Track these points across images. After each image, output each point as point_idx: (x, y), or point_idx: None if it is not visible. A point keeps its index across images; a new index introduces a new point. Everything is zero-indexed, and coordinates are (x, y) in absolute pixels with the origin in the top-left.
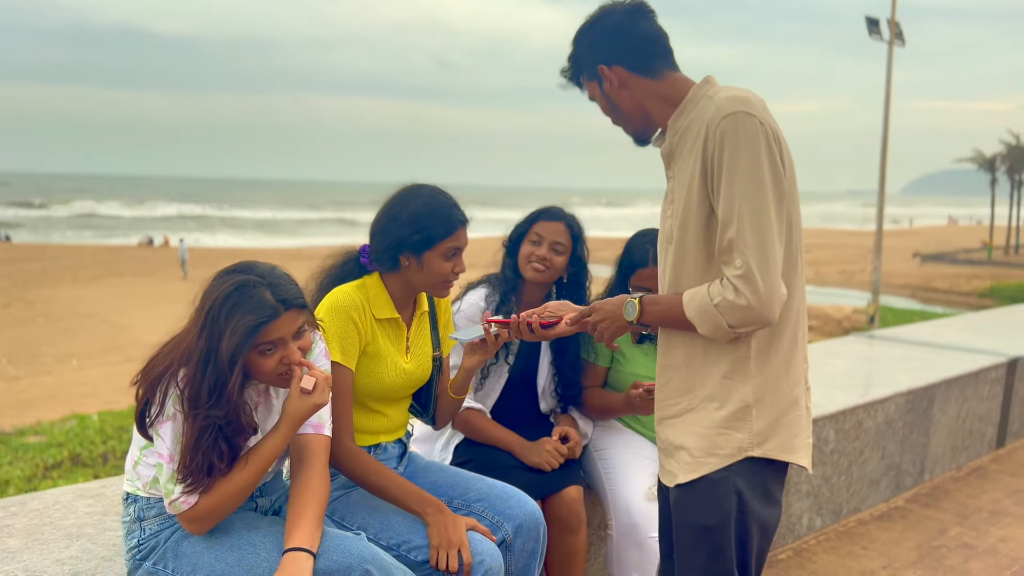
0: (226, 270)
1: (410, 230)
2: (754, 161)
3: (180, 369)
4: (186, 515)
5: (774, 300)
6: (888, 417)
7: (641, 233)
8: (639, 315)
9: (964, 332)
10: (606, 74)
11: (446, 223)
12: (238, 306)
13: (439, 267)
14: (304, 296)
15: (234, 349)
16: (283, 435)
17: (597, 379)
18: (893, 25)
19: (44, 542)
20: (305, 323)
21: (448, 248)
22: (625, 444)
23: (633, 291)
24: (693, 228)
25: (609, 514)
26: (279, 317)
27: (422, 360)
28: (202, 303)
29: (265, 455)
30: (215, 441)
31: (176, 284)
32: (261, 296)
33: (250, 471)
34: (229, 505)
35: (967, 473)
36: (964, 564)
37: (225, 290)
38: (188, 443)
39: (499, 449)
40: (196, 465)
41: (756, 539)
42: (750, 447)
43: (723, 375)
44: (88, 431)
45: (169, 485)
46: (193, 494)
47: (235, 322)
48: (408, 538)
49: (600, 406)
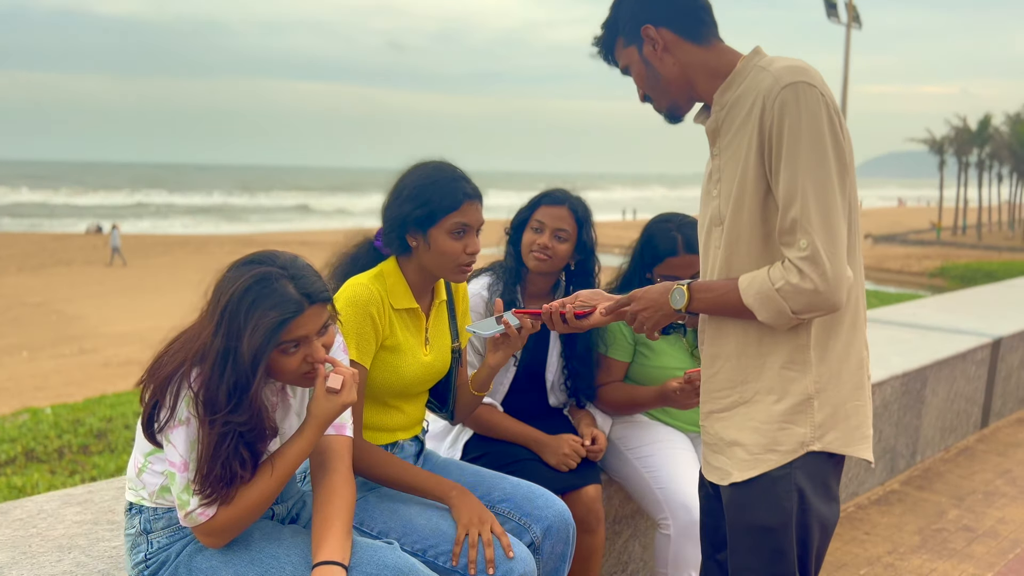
0: (243, 260)
1: (412, 205)
2: (817, 134)
3: (193, 369)
4: (203, 528)
5: (841, 283)
6: (884, 400)
7: (663, 218)
8: (688, 303)
9: (943, 313)
10: (651, 35)
11: (449, 196)
12: (259, 301)
13: (447, 246)
14: (328, 289)
15: (257, 348)
16: (309, 439)
17: (616, 374)
18: (850, 8)
19: (33, 556)
20: (329, 318)
21: (454, 224)
22: (661, 440)
23: (661, 281)
24: (749, 208)
25: (663, 513)
26: (303, 313)
27: (442, 352)
28: (216, 296)
29: (290, 460)
30: (236, 448)
31: (126, 271)
32: (284, 289)
33: (275, 479)
34: (251, 516)
35: (956, 454)
36: (968, 547)
37: (244, 283)
38: (206, 451)
39: (510, 443)
40: (216, 475)
41: (817, 538)
42: (812, 441)
43: (782, 365)
44: (42, 425)
45: (184, 496)
46: (211, 505)
47: (256, 319)
48: (434, 542)
49: (626, 401)
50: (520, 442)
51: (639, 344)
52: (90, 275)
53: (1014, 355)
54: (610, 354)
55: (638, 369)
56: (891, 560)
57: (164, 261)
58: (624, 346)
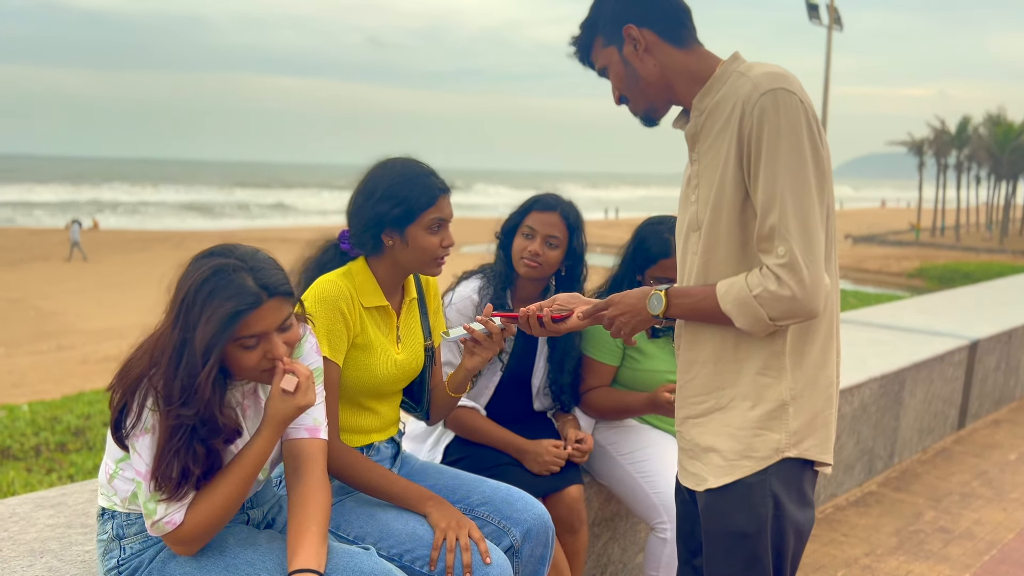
0: (203, 253)
1: (388, 205)
2: (796, 141)
3: (153, 368)
4: (172, 536)
5: (819, 290)
6: (863, 402)
7: (656, 221)
8: (665, 308)
9: (921, 315)
10: (633, 35)
11: (425, 192)
12: (215, 292)
13: (425, 242)
14: (290, 283)
15: (209, 339)
16: (266, 438)
17: (604, 379)
18: (832, 10)
19: (4, 560)
20: (291, 314)
21: (431, 220)
22: (653, 443)
23: (655, 283)
24: (727, 214)
25: (660, 518)
26: (261, 305)
27: (414, 350)
28: (177, 290)
29: (250, 461)
30: (189, 443)
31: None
32: (241, 281)
33: (235, 480)
34: (218, 521)
35: (933, 455)
36: (944, 549)
37: (202, 275)
38: (159, 445)
39: (492, 447)
40: (167, 469)
41: (792, 544)
42: (787, 447)
43: (757, 371)
44: (18, 423)
45: (150, 505)
46: (178, 511)
47: (211, 310)
48: (411, 547)
49: (615, 407)
50: (500, 448)
51: (628, 347)
52: (68, 271)
53: (991, 357)
54: (598, 357)
55: (627, 373)
56: (868, 562)
57: (143, 257)
58: (612, 350)
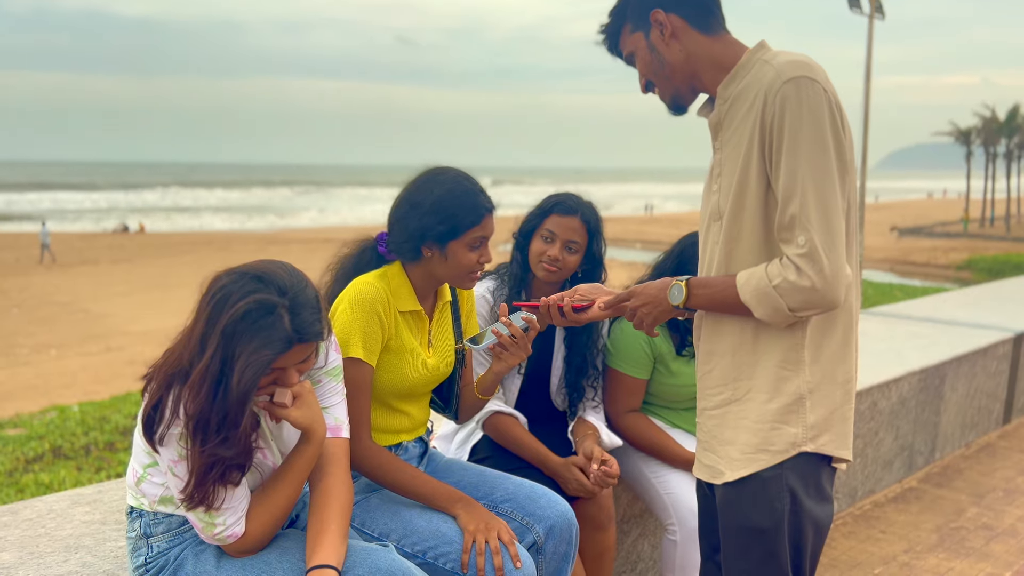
0: (248, 273)
1: (434, 219)
2: (818, 130)
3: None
4: (235, 546)
5: (839, 281)
6: (902, 396)
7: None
8: (686, 299)
9: (964, 307)
10: (661, 19)
11: (472, 211)
12: (256, 333)
13: (464, 258)
14: (323, 323)
15: (246, 388)
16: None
17: (636, 396)
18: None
19: (40, 555)
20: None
21: (474, 238)
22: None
23: None
24: (751, 203)
25: (671, 519)
26: (290, 350)
27: (445, 354)
28: (214, 307)
29: (300, 468)
30: (224, 472)
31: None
32: (280, 324)
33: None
34: (278, 524)
35: (976, 451)
36: (986, 546)
37: (245, 306)
38: (196, 475)
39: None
40: (206, 496)
41: (810, 540)
42: (804, 442)
43: (776, 364)
44: (69, 423)
45: (205, 518)
46: (237, 524)
47: (249, 354)
48: (434, 544)
49: (651, 447)
50: (531, 461)
51: (658, 362)
52: (115, 273)
53: None
54: (627, 371)
55: (655, 386)
56: (907, 559)
57: (188, 259)
58: (644, 363)
